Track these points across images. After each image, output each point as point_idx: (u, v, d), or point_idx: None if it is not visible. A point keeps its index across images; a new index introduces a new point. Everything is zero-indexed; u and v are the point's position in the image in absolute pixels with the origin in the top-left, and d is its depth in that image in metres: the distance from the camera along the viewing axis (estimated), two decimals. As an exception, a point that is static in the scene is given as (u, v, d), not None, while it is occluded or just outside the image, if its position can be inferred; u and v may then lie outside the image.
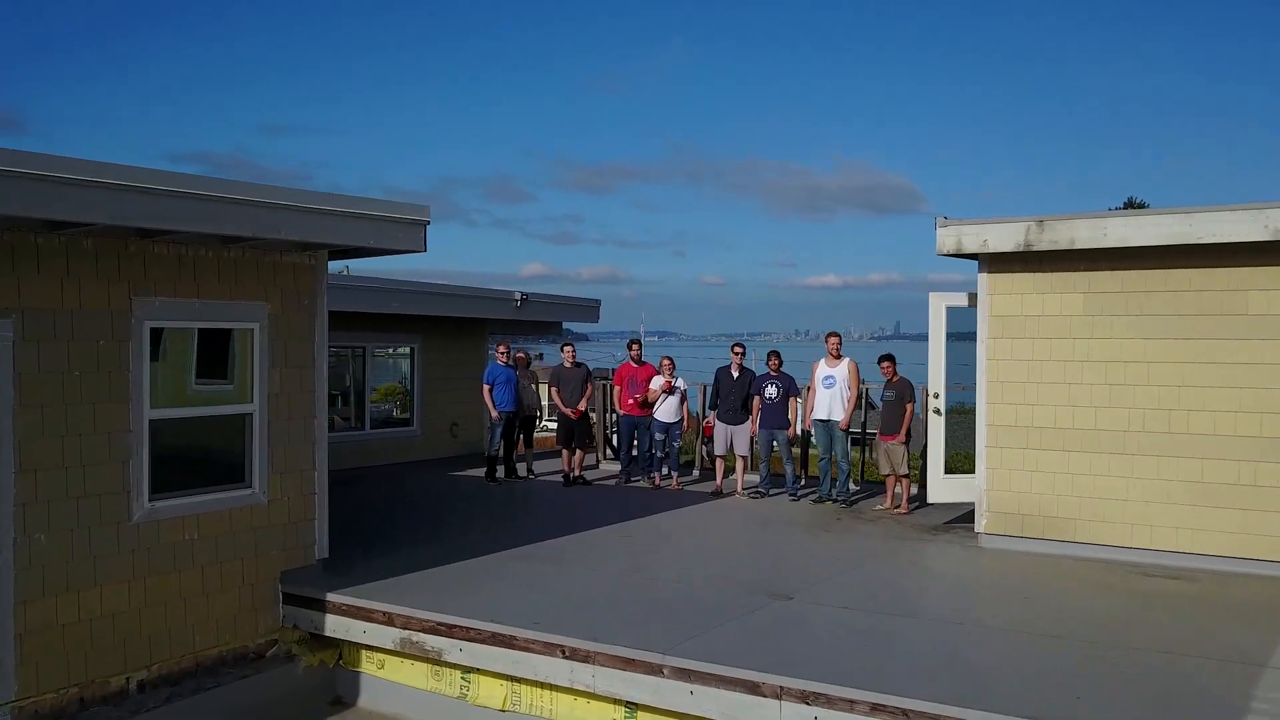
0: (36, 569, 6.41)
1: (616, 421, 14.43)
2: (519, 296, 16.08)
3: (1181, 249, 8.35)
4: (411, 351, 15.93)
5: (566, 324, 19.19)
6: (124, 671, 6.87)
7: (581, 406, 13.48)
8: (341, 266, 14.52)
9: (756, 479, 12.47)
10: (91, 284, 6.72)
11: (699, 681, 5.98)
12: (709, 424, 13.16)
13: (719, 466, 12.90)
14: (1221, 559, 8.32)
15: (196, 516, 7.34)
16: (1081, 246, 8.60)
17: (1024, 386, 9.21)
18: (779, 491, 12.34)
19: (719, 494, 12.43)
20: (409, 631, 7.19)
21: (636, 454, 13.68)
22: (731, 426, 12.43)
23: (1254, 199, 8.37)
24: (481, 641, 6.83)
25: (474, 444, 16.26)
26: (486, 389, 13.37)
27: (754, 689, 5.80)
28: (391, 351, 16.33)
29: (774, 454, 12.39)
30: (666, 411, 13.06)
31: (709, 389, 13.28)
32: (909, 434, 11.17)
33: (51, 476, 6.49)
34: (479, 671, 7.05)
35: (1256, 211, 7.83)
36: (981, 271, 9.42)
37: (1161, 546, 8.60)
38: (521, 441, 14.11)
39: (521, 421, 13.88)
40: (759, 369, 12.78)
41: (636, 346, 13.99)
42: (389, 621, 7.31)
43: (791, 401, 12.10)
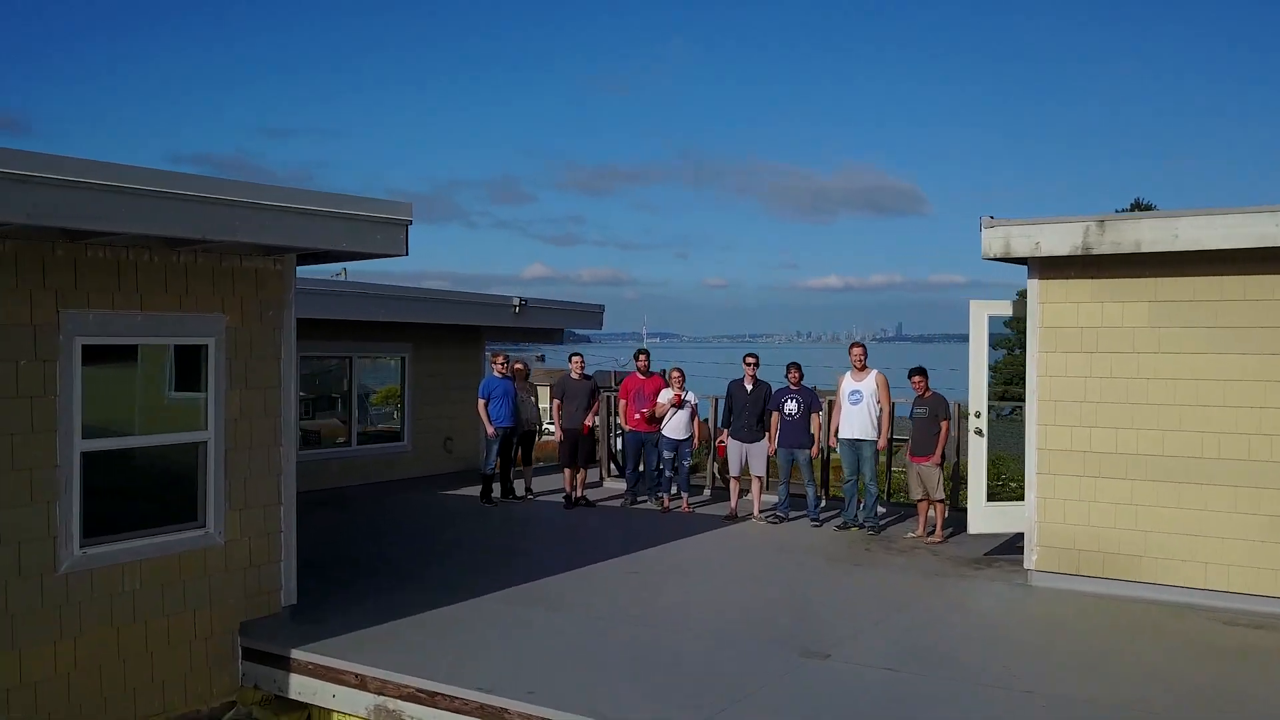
0: (-59, 633, 5.41)
1: (622, 437, 13.40)
2: (517, 302, 14.99)
3: (1264, 253, 7.36)
4: (402, 361, 14.82)
5: (567, 329, 18.11)
6: (50, 748, 5.86)
7: (588, 423, 12.48)
8: (339, 269, 13.48)
9: (774, 500, 11.47)
10: (10, 295, 5.72)
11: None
12: (721, 443, 12.10)
13: (733, 488, 11.86)
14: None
15: (139, 563, 6.33)
16: (1148, 250, 7.64)
17: (1081, 406, 8.22)
18: (799, 515, 11.35)
19: (733, 518, 11.42)
20: (384, 698, 6.18)
21: (643, 472, 12.69)
22: (746, 444, 11.42)
23: (1257, 202, 7.43)
24: (468, 714, 5.82)
25: (469, 459, 15.19)
26: (482, 403, 12.37)
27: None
28: (382, 359, 15.22)
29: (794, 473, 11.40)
30: (675, 427, 12.05)
31: (720, 402, 12.28)
32: (944, 455, 10.18)
33: (-41, 522, 5.49)
34: (465, 747, 6.04)
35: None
36: (1032, 277, 8.43)
37: (1240, 589, 7.61)
38: (520, 458, 13.11)
39: (520, 437, 12.88)
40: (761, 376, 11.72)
41: (644, 357, 12.95)
42: (362, 685, 6.29)
43: (814, 417, 11.11)
